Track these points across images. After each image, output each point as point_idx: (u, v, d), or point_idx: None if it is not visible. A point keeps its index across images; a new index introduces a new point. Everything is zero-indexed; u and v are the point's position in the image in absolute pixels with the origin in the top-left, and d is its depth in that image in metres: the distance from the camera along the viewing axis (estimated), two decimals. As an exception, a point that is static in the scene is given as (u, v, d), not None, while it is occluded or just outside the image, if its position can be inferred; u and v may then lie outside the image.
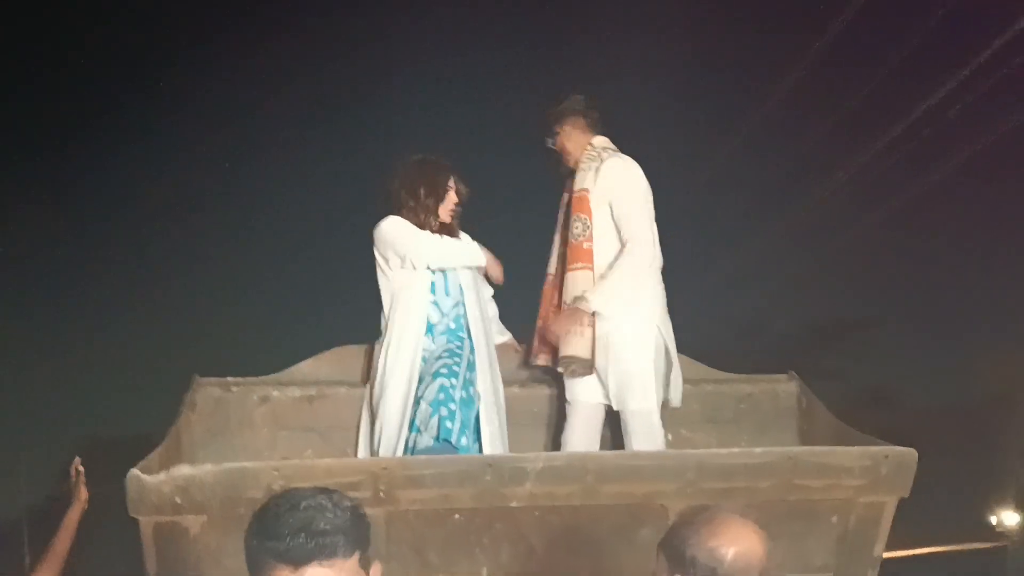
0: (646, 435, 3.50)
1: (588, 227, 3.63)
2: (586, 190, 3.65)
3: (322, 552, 1.42)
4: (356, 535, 1.48)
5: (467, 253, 3.68)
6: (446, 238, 3.64)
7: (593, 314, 3.55)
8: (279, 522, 1.44)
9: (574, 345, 3.54)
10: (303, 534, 1.42)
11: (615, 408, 3.61)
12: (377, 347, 3.59)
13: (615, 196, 3.62)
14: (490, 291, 3.92)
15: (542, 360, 3.76)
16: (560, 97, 3.82)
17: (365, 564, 1.49)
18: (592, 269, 3.61)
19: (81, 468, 3.34)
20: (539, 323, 3.77)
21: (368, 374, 3.69)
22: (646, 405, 3.53)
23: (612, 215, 3.62)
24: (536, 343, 3.78)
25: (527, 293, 4.00)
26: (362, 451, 3.53)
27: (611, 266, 3.60)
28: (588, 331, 3.53)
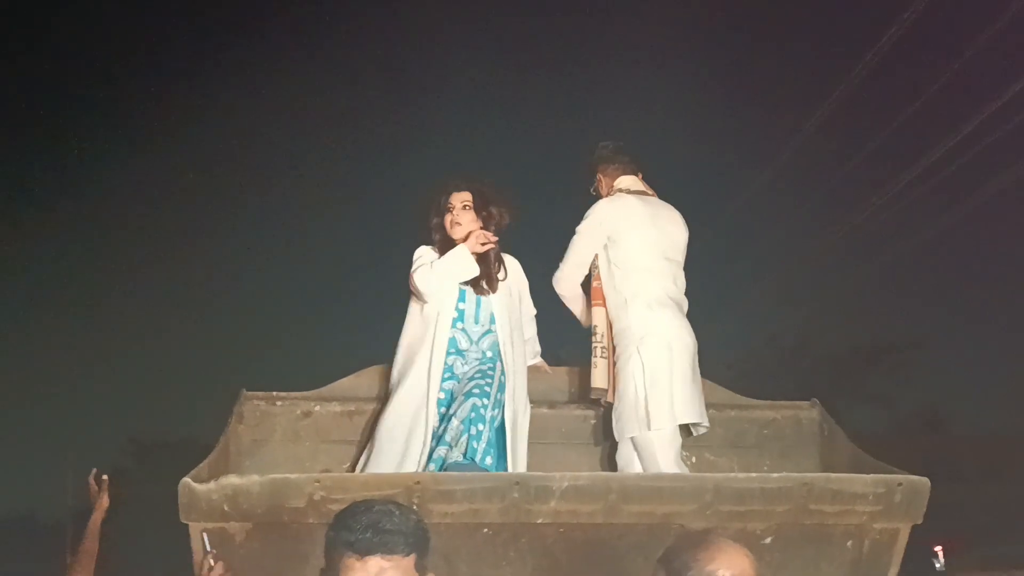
0: (647, 460, 3.65)
1: (596, 267, 3.92)
2: None
3: (384, 546, 1.71)
4: (415, 540, 1.77)
5: (454, 267, 3.70)
6: (437, 262, 3.71)
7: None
8: (354, 519, 1.74)
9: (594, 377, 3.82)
10: (371, 530, 1.72)
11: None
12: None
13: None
14: (533, 311, 4.07)
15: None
16: (593, 147, 4.05)
17: (421, 569, 1.77)
18: (603, 305, 3.86)
19: (105, 477, 3.56)
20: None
21: None
22: (638, 433, 3.68)
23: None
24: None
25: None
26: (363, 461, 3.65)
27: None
28: (601, 362, 3.79)
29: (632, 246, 3.84)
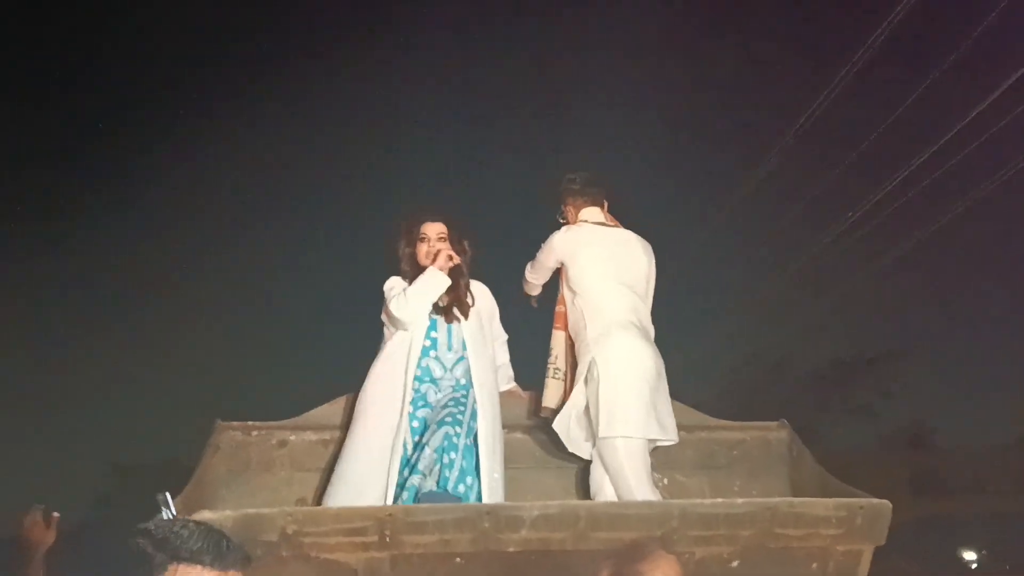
0: (620, 486, 3.72)
1: (560, 292, 4.06)
2: None
3: (239, 562, 1.74)
4: None
5: (427, 287, 3.78)
6: (410, 287, 3.78)
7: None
8: (195, 535, 1.72)
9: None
10: (224, 543, 1.73)
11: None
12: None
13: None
14: (504, 336, 4.14)
15: None
16: (560, 177, 4.17)
17: None
18: (563, 329, 4.01)
19: (55, 515, 3.55)
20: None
21: None
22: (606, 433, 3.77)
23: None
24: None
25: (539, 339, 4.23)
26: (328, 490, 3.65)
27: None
28: (554, 384, 3.95)
29: (585, 271, 3.97)
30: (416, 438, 3.60)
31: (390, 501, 3.41)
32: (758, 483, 4.02)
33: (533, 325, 4.38)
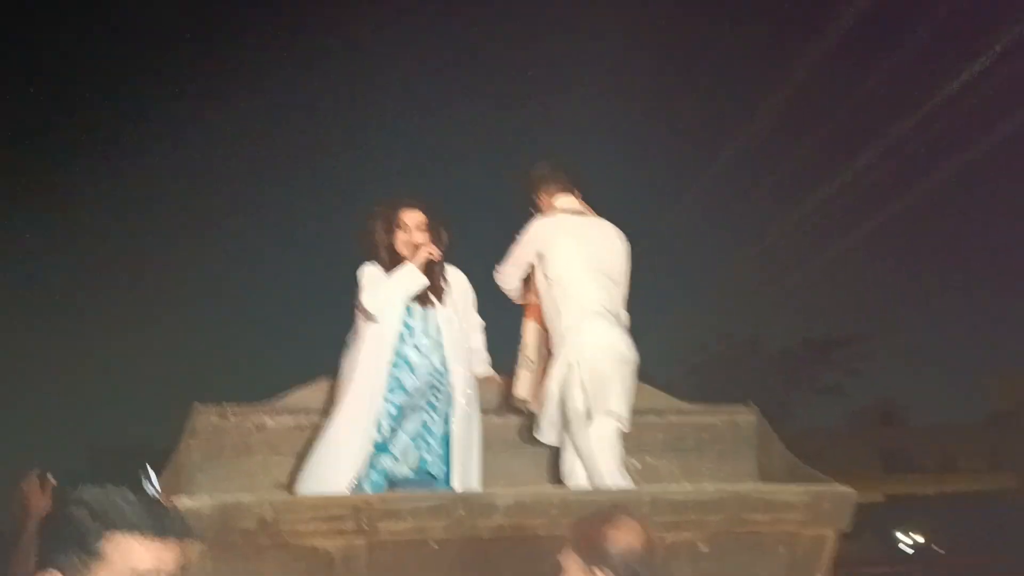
0: (590, 468, 3.78)
1: (534, 282, 4.08)
2: None
3: (178, 533, 1.66)
4: None
5: (403, 286, 3.77)
6: (385, 279, 3.77)
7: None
8: (137, 507, 1.65)
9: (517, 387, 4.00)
10: (165, 514, 1.67)
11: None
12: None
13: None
14: (479, 322, 4.17)
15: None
16: (529, 167, 4.17)
17: None
18: (535, 320, 4.06)
19: (51, 478, 3.55)
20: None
21: None
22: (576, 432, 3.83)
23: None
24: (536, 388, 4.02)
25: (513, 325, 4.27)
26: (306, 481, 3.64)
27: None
28: (525, 374, 3.97)
29: (562, 260, 3.99)
30: (392, 424, 3.63)
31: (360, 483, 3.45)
32: (728, 465, 4.10)
33: (509, 312, 4.41)
